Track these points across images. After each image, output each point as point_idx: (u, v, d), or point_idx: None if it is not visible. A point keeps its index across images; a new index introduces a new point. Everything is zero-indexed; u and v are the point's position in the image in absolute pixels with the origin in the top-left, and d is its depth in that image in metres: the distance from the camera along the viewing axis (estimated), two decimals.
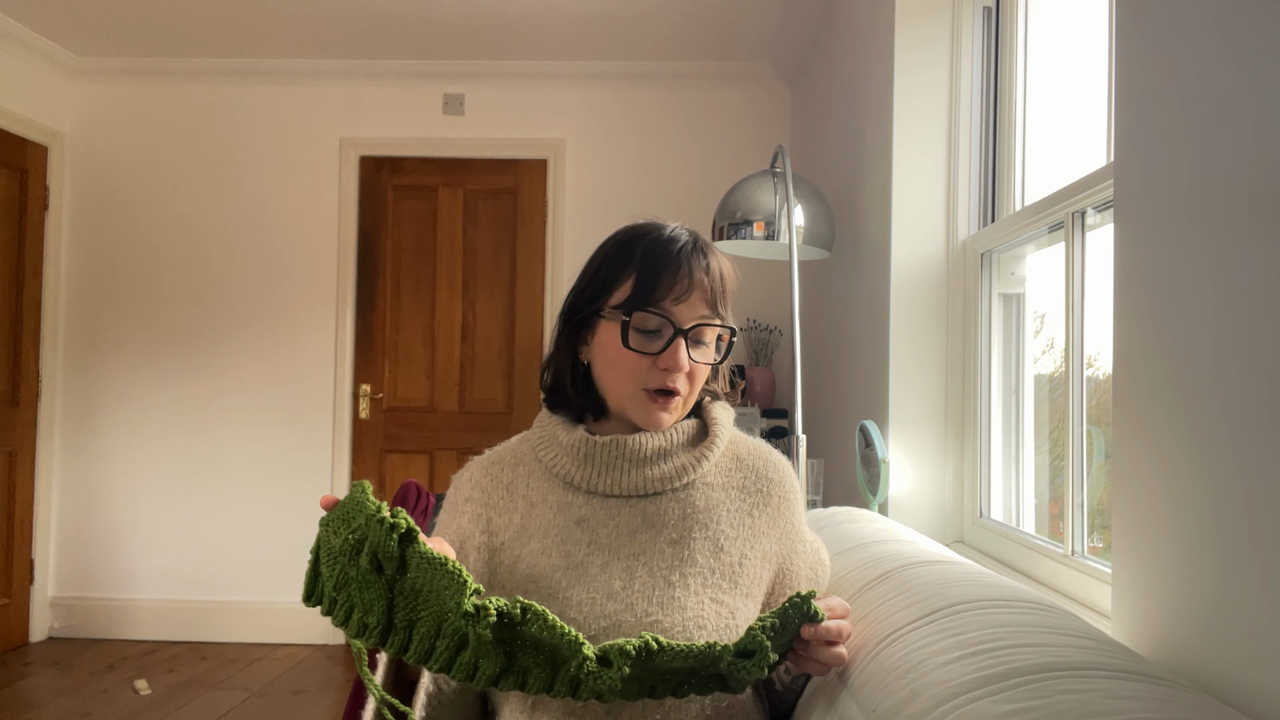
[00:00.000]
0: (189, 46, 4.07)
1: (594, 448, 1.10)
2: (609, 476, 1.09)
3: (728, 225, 2.58)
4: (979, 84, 2.22)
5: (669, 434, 1.12)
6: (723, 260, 1.14)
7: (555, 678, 0.92)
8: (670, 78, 4.21)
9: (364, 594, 0.90)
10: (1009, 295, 2.11)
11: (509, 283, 4.27)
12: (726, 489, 1.13)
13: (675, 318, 1.08)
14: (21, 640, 4.05)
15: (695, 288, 1.09)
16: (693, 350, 1.10)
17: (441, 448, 4.24)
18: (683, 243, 1.12)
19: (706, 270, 1.11)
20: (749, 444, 1.19)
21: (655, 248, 1.11)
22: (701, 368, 1.11)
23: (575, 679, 0.91)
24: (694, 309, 1.10)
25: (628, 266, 1.11)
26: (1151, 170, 1.10)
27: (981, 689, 0.76)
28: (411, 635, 0.90)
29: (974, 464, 2.15)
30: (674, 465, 1.10)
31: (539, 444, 1.15)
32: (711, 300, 1.10)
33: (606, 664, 0.91)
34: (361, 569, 0.89)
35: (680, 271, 1.09)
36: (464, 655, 0.90)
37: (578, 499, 1.10)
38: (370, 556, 0.89)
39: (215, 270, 4.25)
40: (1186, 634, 0.99)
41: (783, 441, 3.32)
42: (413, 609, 0.91)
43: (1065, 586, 1.61)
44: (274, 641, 4.13)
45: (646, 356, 1.08)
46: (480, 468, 1.18)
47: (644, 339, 1.09)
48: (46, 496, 4.19)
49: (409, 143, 4.26)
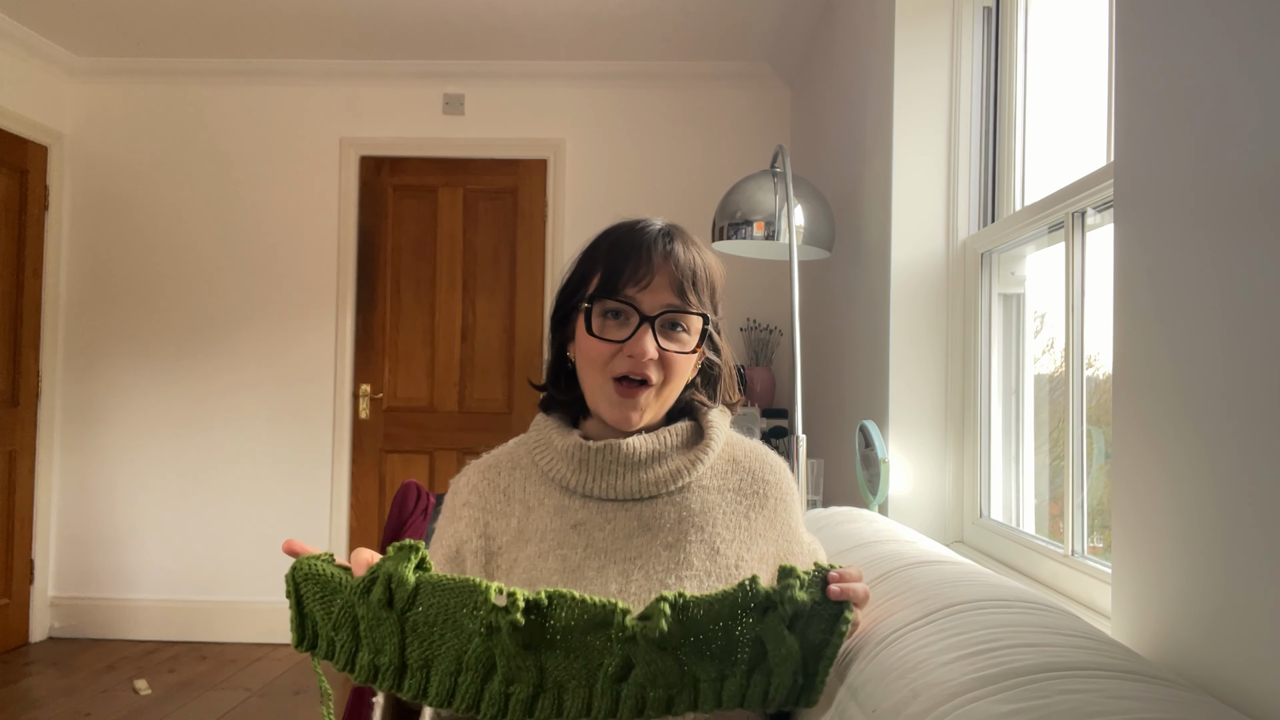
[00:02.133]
0: (189, 46, 4.07)
1: (588, 453, 1.10)
2: (604, 481, 1.09)
3: (728, 225, 2.58)
4: (979, 84, 2.22)
5: (663, 437, 1.11)
6: (700, 251, 1.14)
7: (593, 692, 0.87)
8: (670, 78, 4.21)
9: (374, 633, 0.86)
10: (1009, 295, 2.11)
11: (509, 283, 4.27)
12: (722, 491, 1.13)
13: (639, 304, 1.08)
14: (21, 640, 4.05)
15: (659, 274, 1.09)
16: (663, 339, 1.09)
17: (441, 448, 4.24)
18: (649, 232, 1.12)
19: (669, 256, 1.10)
20: (745, 445, 1.19)
21: (621, 238, 1.12)
22: (678, 358, 1.10)
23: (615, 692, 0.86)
24: (659, 296, 1.09)
25: (597, 259, 1.12)
26: (1151, 170, 1.10)
27: (981, 689, 0.75)
28: (429, 675, 0.86)
29: (974, 464, 2.15)
30: (669, 468, 1.10)
31: (535, 448, 1.16)
32: (679, 287, 1.09)
33: (646, 619, 0.87)
34: (372, 604, 0.85)
35: (641, 258, 1.09)
36: (493, 684, 0.86)
37: (574, 503, 1.10)
38: (383, 588, 0.85)
39: (215, 270, 4.25)
40: (1186, 634, 0.99)
41: (783, 441, 3.32)
42: (428, 646, 0.86)
43: (1065, 586, 1.60)
44: (274, 641, 4.12)
45: (612, 344, 1.08)
46: (477, 472, 1.18)
47: (610, 326, 1.09)
48: (46, 496, 4.19)
49: (409, 143, 4.26)
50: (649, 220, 1.15)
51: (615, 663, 0.87)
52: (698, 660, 0.89)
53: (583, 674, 0.87)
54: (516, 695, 0.86)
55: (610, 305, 1.09)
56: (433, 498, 2.17)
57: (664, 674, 0.87)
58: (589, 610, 0.87)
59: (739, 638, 0.90)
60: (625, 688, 0.87)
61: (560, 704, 0.87)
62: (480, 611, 0.86)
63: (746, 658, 0.90)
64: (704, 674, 0.89)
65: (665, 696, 0.88)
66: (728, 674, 0.89)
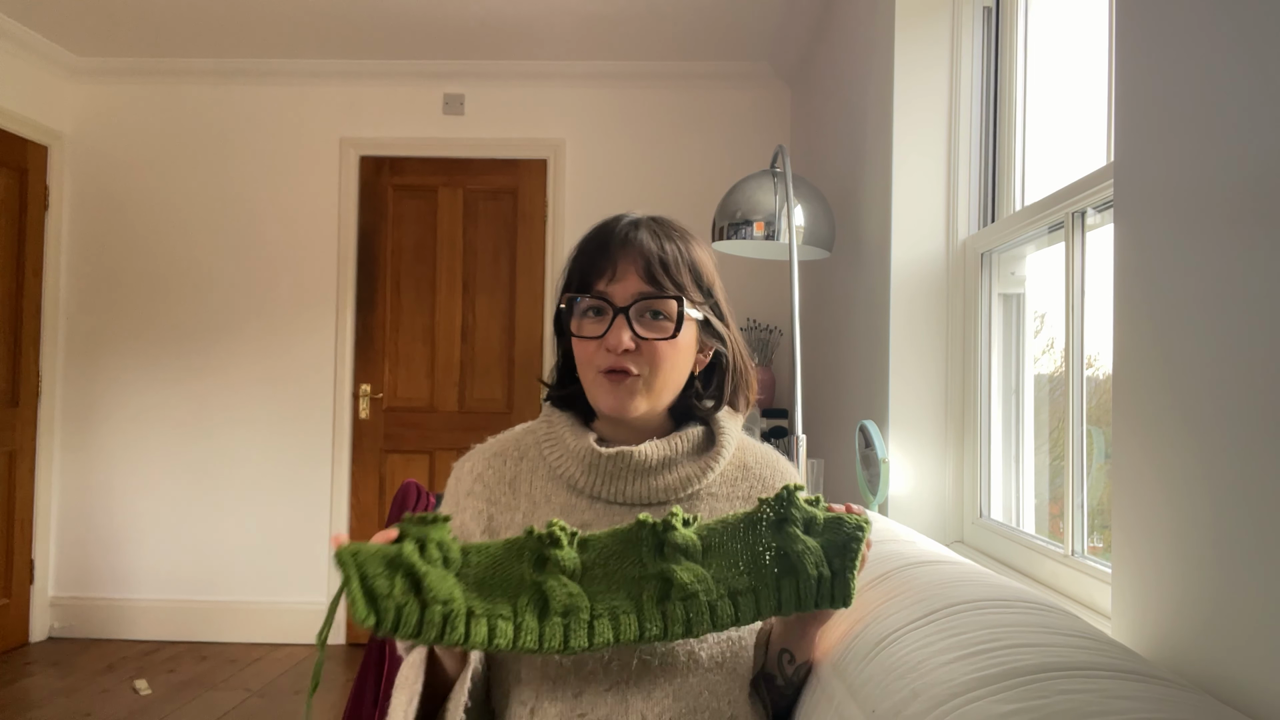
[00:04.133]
0: (189, 46, 4.07)
1: (599, 459, 1.09)
2: (614, 485, 1.09)
3: (728, 225, 2.58)
4: (979, 84, 2.22)
5: (674, 443, 1.11)
6: (677, 238, 1.11)
7: (642, 616, 0.93)
8: (670, 78, 4.21)
9: (441, 586, 0.92)
10: (1009, 295, 2.11)
11: (509, 283, 4.27)
12: (731, 499, 1.12)
13: (611, 297, 1.07)
14: (21, 640, 4.05)
15: (626, 264, 1.07)
16: (644, 328, 1.07)
17: (441, 448, 4.24)
18: (616, 225, 1.11)
19: (634, 244, 1.08)
20: (757, 451, 1.18)
21: (592, 236, 1.12)
22: (660, 346, 1.07)
23: (662, 611, 0.93)
24: (629, 286, 1.07)
25: (574, 260, 1.13)
26: (1151, 170, 1.10)
27: (981, 689, 0.76)
28: (492, 621, 0.92)
29: (974, 464, 2.15)
30: (679, 475, 1.10)
31: (545, 441, 1.15)
32: (649, 274, 1.07)
33: (670, 528, 0.94)
34: (432, 560, 0.92)
35: (606, 250, 1.08)
36: (551, 620, 0.92)
37: (581, 503, 1.10)
38: (436, 548, 0.92)
39: (215, 270, 4.25)
40: (1186, 634, 0.99)
41: (783, 441, 3.32)
42: (486, 596, 0.93)
43: (1065, 586, 1.60)
44: (274, 641, 4.13)
45: (592, 341, 1.08)
46: (482, 459, 1.17)
47: (589, 323, 1.09)
48: (46, 496, 4.19)
49: (409, 143, 4.26)
50: (624, 215, 1.14)
51: (654, 585, 0.94)
52: (729, 574, 0.95)
53: (629, 603, 0.94)
54: (574, 626, 0.92)
55: (587, 303, 1.09)
56: (433, 498, 2.17)
57: (701, 582, 0.94)
58: (617, 533, 0.96)
59: (761, 553, 0.96)
60: (670, 606, 0.94)
61: (617, 630, 0.93)
62: (527, 550, 0.94)
63: (775, 570, 0.96)
64: (739, 584, 0.95)
65: (707, 610, 0.94)
66: (759, 586, 0.95)
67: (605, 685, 0.99)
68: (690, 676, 1.01)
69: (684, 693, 1.00)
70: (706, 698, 1.01)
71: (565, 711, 0.99)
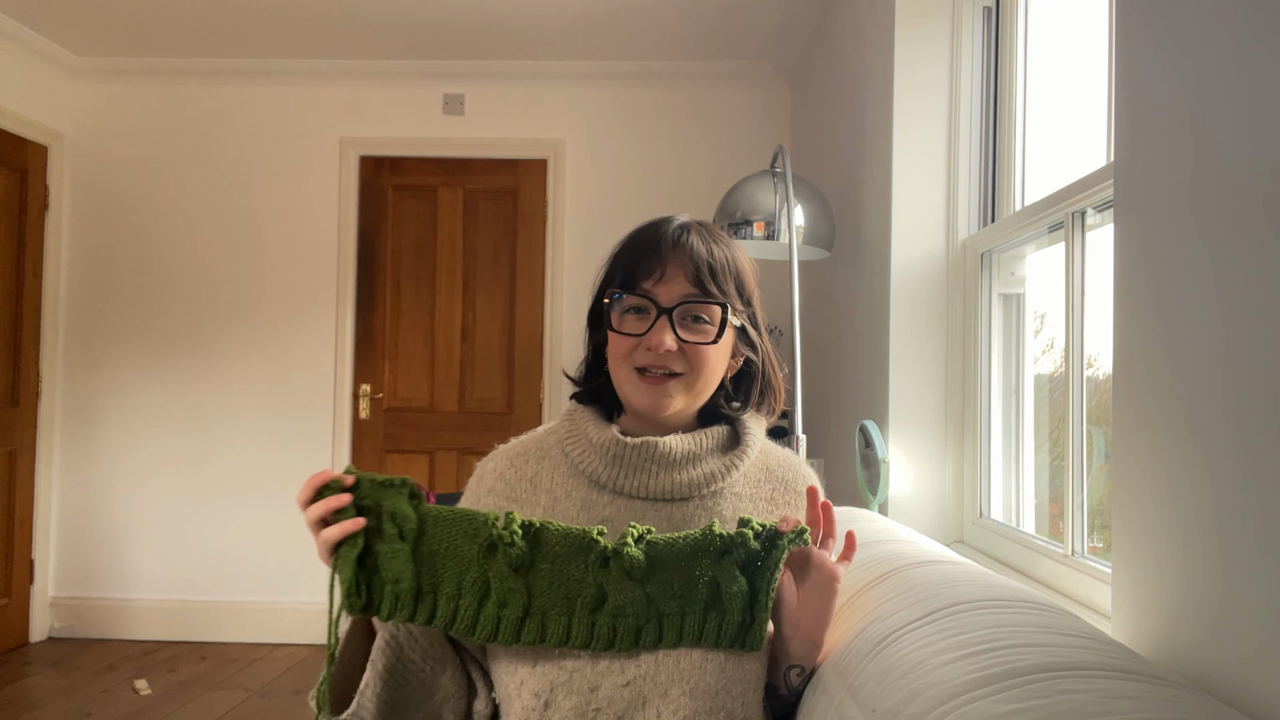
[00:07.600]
0: (189, 46, 4.07)
1: (624, 449, 1.09)
2: (636, 478, 1.09)
3: (728, 225, 2.58)
4: (979, 84, 2.22)
5: (699, 439, 1.11)
6: (724, 244, 1.14)
7: (572, 620, 0.98)
8: (670, 78, 4.21)
9: (391, 565, 0.97)
10: (1009, 295, 2.11)
11: (509, 283, 4.27)
12: (754, 500, 1.12)
13: (656, 298, 1.09)
14: (21, 640, 4.05)
15: (674, 266, 1.09)
16: (686, 331, 1.09)
17: (441, 448, 4.24)
18: (666, 227, 1.12)
19: (684, 248, 1.10)
20: (779, 455, 1.19)
21: (640, 235, 1.13)
22: (704, 350, 1.09)
23: (591, 621, 0.98)
24: (676, 288, 1.09)
25: (619, 258, 1.13)
26: (1151, 170, 1.10)
27: (981, 689, 0.76)
28: (437, 599, 0.97)
29: (974, 464, 2.15)
30: (703, 471, 1.10)
31: (567, 438, 1.15)
32: (697, 278, 1.09)
33: (619, 553, 0.98)
34: (387, 536, 0.97)
35: (656, 251, 1.10)
36: (488, 607, 0.97)
37: (602, 498, 1.10)
38: (390, 520, 0.97)
39: (215, 270, 4.25)
40: (1186, 634, 0.99)
41: (782, 441, 3.32)
42: (434, 574, 0.98)
43: (1065, 586, 1.61)
44: (274, 641, 4.13)
45: (633, 338, 1.09)
46: (505, 459, 1.18)
47: (630, 320, 1.10)
48: (46, 496, 4.18)
49: (409, 143, 4.26)
50: (673, 217, 1.15)
51: (591, 593, 0.99)
52: (662, 596, 0.99)
53: (564, 603, 0.98)
54: (507, 618, 0.97)
55: (630, 301, 1.10)
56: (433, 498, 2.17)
57: (632, 604, 0.98)
58: (571, 536, 0.99)
59: (698, 578, 1.00)
60: (600, 617, 0.99)
61: (544, 629, 0.98)
62: (480, 535, 0.98)
63: (704, 597, 1.00)
64: (668, 609, 1.00)
65: (634, 628, 0.99)
66: (687, 611, 1.00)
67: (622, 681, 1.00)
68: (708, 676, 1.01)
69: (701, 692, 1.00)
70: (723, 698, 1.01)
71: (580, 705, 0.99)
